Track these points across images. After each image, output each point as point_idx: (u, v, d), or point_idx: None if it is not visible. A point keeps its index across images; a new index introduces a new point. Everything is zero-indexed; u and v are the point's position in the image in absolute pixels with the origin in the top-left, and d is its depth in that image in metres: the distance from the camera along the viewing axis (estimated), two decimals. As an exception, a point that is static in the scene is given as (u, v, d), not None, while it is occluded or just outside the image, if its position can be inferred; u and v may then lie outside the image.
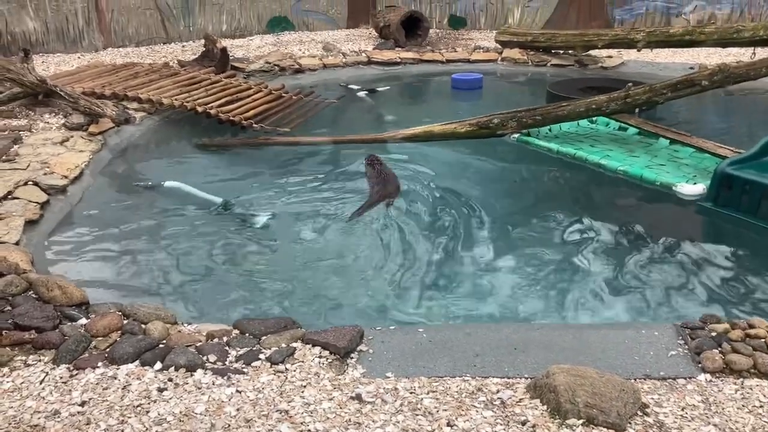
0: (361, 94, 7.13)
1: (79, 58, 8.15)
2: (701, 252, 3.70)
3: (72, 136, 5.05)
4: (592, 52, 7.80)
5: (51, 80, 5.85)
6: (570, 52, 7.88)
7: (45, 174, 4.29)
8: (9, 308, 2.73)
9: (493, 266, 3.56)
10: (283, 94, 6.48)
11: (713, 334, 2.55)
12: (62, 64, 7.74)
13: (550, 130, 5.58)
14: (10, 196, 3.91)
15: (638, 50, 7.28)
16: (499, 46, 8.33)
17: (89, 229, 3.97)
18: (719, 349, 2.45)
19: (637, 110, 5.34)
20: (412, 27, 8.84)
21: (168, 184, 4.57)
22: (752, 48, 6.74)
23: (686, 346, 2.50)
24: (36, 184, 4.13)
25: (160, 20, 9.04)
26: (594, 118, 5.65)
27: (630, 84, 5.22)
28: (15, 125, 5.27)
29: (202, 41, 7.85)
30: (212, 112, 5.60)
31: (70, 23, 8.44)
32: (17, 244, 3.42)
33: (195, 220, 4.11)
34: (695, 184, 4.41)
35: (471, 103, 6.93)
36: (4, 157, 4.55)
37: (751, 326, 2.57)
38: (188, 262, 3.64)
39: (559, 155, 5.09)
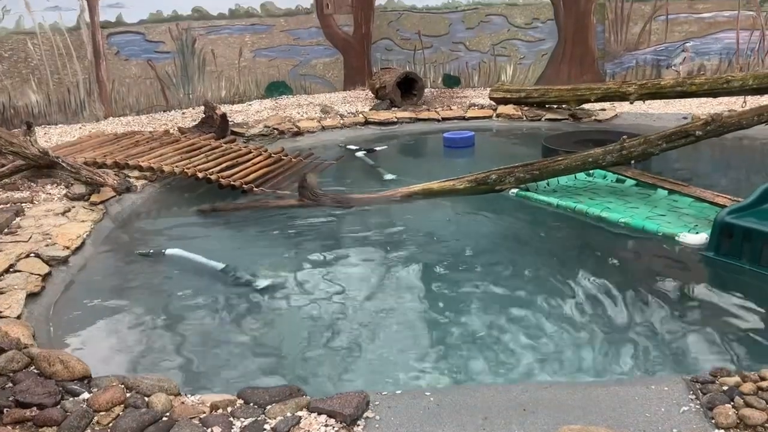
0: (360, 154, 7.22)
1: (80, 128, 8.29)
2: (707, 303, 3.69)
3: (74, 207, 5.09)
4: (586, 106, 7.93)
5: (53, 152, 5.93)
6: (564, 106, 8.02)
7: (47, 245, 4.30)
8: (10, 385, 2.70)
9: (498, 324, 3.53)
10: (283, 157, 6.57)
11: (725, 387, 2.51)
12: (64, 135, 7.87)
13: (548, 184, 5.62)
14: (12, 269, 3.92)
15: (631, 103, 7.41)
16: (494, 103, 8.48)
17: (91, 300, 3.95)
18: (732, 403, 2.41)
19: (633, 162, 5.40)
20: (408, 87, 9.01)
21: (169, 251, 4.58)
22: (743, 97, 6.86)
23: (698, 401, 2.46)
24: (38, 256, 4.14)
25: (160, 89, 9.23)
26: (591, 171, 5.70)
27: (625, 136, 5.29)
28: (17, 197, 5.32)
29: (202, 108, 8.01)
30: (212, 177, 5.66)
31: (71, 95, 8.61)
32: (19, 317, 3.40)
33: (197, 286, 4.11)
34: (697, 233, 4.42)
35: (468, 160, 7.01)
36: (6, 230, 4.58)
37: (763, 378, 2.54)
38: (191, 330, 3.61)
39: (559, 209, 5.12)
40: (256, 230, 5.14)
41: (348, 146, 7.48)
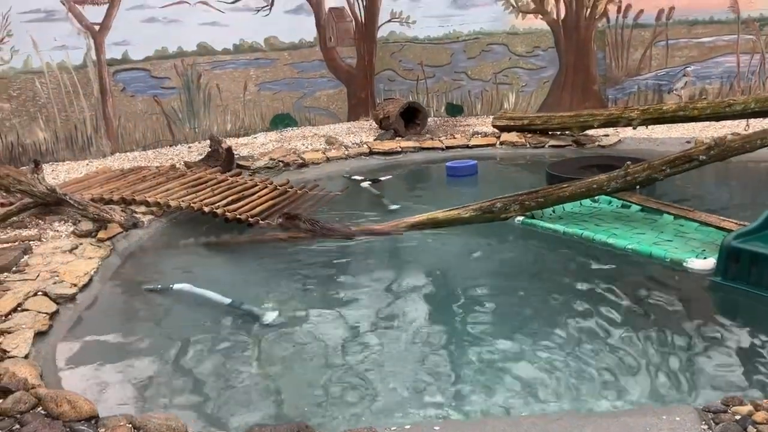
0: (365, 184, 7.24)
1: (87, 164, 8.36)
2: (716, 329, 3.65)
3: (81, 243, 5.12)
4: (589, 132, 7.96)
5: (60, 188, 5.98)
6: (567, 132, 8.04)
7: (54, 283, 4.32)
8: (18, 427, 2.70)
9: (506, 356, 3.51)
10: (288, 189, 6.60)
11: (737, 417, 2.48)
12: (72, 171, 7.93)
13: (554, 211, 5.62)
14: (20, 308, 3.93)
15: (633, 128, 7.43)
16: (497, 131, 8.52)
17: (99, 338, 3.96)
18: (745, 433, 2.38)
19: (637, 187, 5.40)
20: (411, 117, 9.07)
21: (177, 286, 4.58)
22: (745, 120, 6.87)
23: (710, 431, 2.43)
24: (45, 294, 4.16)
25: (166, 124, 9.32)
26: (596, 197, 5.70)
27: (629, 162, 5.30)
28: (25, 235, 5.35)
29: (208, 142, 8.07)
30: (218, 211, 5.69)
31: (78, 131, 8.70)
32: (26, 357, 3.40)
33: (205, 322, 4.10)
34: (705, 258, 4.40)
35: (473, 188, 7.03)
36: (14, 269, 4.60)
37: (776, 407, 2.51)
38: (199, 367, 3.60)
39: (565, 236, 5.11)
40: (263, 263, 5.15)
41: (353, 177, 7.51)
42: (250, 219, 5.63)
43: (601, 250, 4.82)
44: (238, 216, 5.65)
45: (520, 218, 5.39)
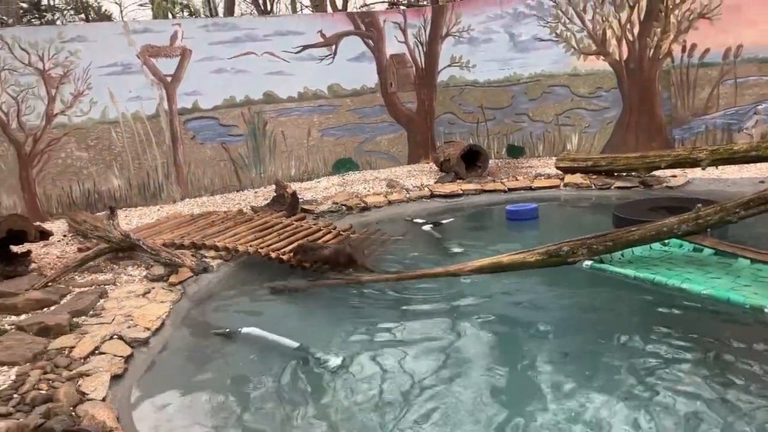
0: (427, 227, 7.24)
1: (158, 209, 8.66)
2: (805, 381, 3.46)
3: (153, 288, 5.27)
4: (656, 173, 7.79)
5: (134, 234, 6.20)
6: (633, 173, 7.89)
7: (129, 327, 4.44)
8: (96, 469, 2.76)
9: (576, 402, 3.40)
10: (351, 235, 6.66)
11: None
12: (144, 217, 8.22)
13: (622, 255, 5.48)
14: (97, 351, 4.06)
15: (703, 169, 7.24)
16: (560, 172, 8.43)
17: (170, 381, 4.03)
18: None
19: (709, 230, 5.22)
20: (472, 159, 9.08)
21: (245, 330, 4.64)
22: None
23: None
24: (121, 337, 4.28)
25: (233, 170, 9.61)
26: (667, 241, 5.54)
27: (699, 204, 5.14)
28: (101, 279, 5.55)
29: (273, 186, 8.27)
30: (284, 258, 5.77)
31: (150, 178, 9.05)
32: (104, 400, 3.49)
33: (272, 366, 4.14)
34: (786, 304, 4.19)
35: (536, 232, 6.94)
36: (91, 312, 4.77)
37: None
38: (266, 411, 3.62)
39: (636, 281, 4.96)
40: (327, 307, 5.18)
41: (414, 220, 7.53)
42: (313, 266, 5.69)
43: (675, 296, 4.65)
44: (304, 265, 5.72)
45: (589, 262, 5.27)
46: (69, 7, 24.68)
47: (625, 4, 9.25)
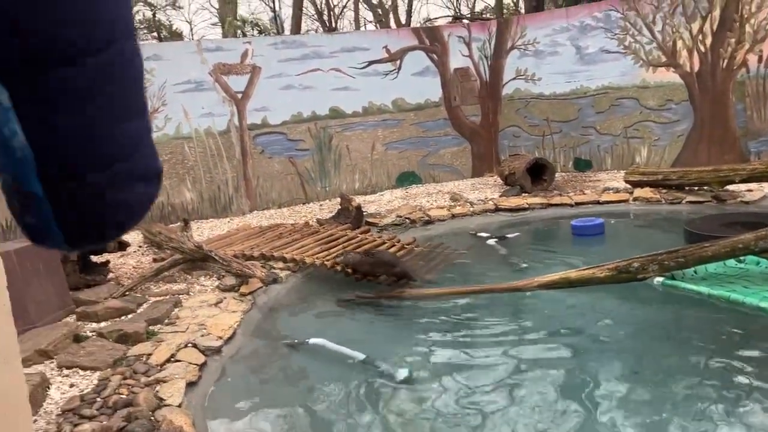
0: (491, 241, 7.19)
1: (228, 222, 8.91)
2: None
3: (225, 298, 5.42)
4: (730, 187, 7.53)
5: (206, 245, 6.40)
6: (705, 188, 7.66)
7: (202, 336, 4.59)
8: (174, 473, 2.86)
9: (646, 421, 3.32)
10: (414, 248, 6.69)
11: None
12: (214, 229, 8.47)
13: (695, 272, 5.32)
14: (173, 359, 4.21)
15: (782, 182, 6.97)
16: (629, 186, 8.25)
17: (243, 389, 4.14)
18: None
19: (789, 246, 5.02)
20: (538, 172, 8.99)
21: (312, 341, 4.72)
22: None
23: None
24: (195, 346, 4.42)
25: (299, 183, 9.81)
26: (742, 257, 5.35)
27: (779, 220, 4.96)
28: (175, 289, 5.74)
29: (338, 199, 8.39)
30: (349, 270, 5.85)
31: (221, 191, 9.33)
32: (180, 406, 3.62)
33: (340, 378, 4.19)
34: None
35: (603, 247, 6.80)
36: (166, 321, 4.95)
37: None
38: (331, 422, 3.68)
39: (711, 299, 4.81)
40: (394, 319, 5.22)
41: (479, 234, 7.50)
42: (378, 278, 5.74)
43: (752, 315, 4.49)
44: (368, 275, 5.78)
45: (660, 279, 5.15)
46: (142, 26, 25.78)
47: (697, 15, 9.02)
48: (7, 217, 8.12)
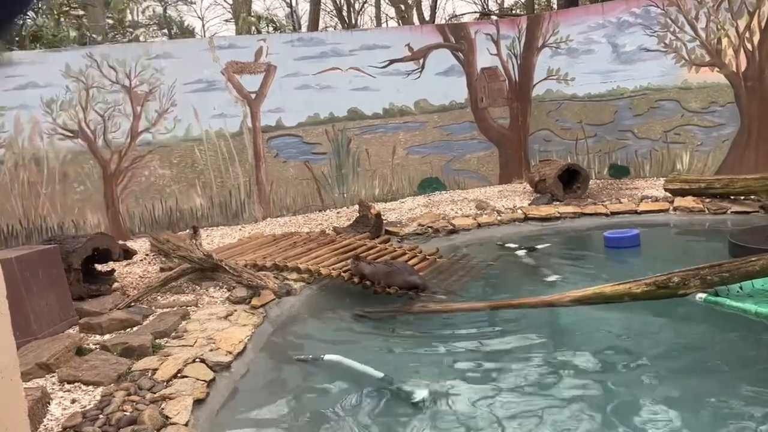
0: (520, 253, 7.16)
1: (240, 229, 8.97)
2: None
3: (235, 310, 5.45)
4: (780, 196, 7.43)
5: (216, 254, 6.44)
6: (752, 197, 7.56)
7: (211, 350, 4.61)
8: (180, 496, 2.88)
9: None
10: (437, 259, 6.68)
11: None
12: (225, 237, 8.53)
13: (741, 287, 5.25)
14: (179, 374, 4.23)
15: (836, 192, 6.86)
16: (670, 195, 8.18)
17: (253, 407, 4.15)
18: None
19: None
20: (570, 179, 8.94)
21: (328, 357, 4.73)
22: None
23: None
24: (203, 361, 4.44)
25: (315, 189, 9.85)
26: (793, 273, 5.27)
27: (833, 233, 4.88)
28: (183, 300, 5.79)
29: (356, 206, 8.41)
30: (366, 283, 5.85)
31: (233, 197, 9.41)
32: (186, 425, 3.64)
33: (356, 397, 4.18)
34: None
35: (640, 258, 6.74)
36: (173, 334, 4.98)
37: None
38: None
39: (758, 317, 4.74)
40: (412, 335, 5.20)
41: (506, 244, 7.47)
42: (398, 292, 5.74)
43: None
44: (388, 290, 5.77)
45: (702, 295, 5.08)
46: (152, 22, 26.11)
47: (744, 11, 8.93)
48: (8, 223, 8.26)
